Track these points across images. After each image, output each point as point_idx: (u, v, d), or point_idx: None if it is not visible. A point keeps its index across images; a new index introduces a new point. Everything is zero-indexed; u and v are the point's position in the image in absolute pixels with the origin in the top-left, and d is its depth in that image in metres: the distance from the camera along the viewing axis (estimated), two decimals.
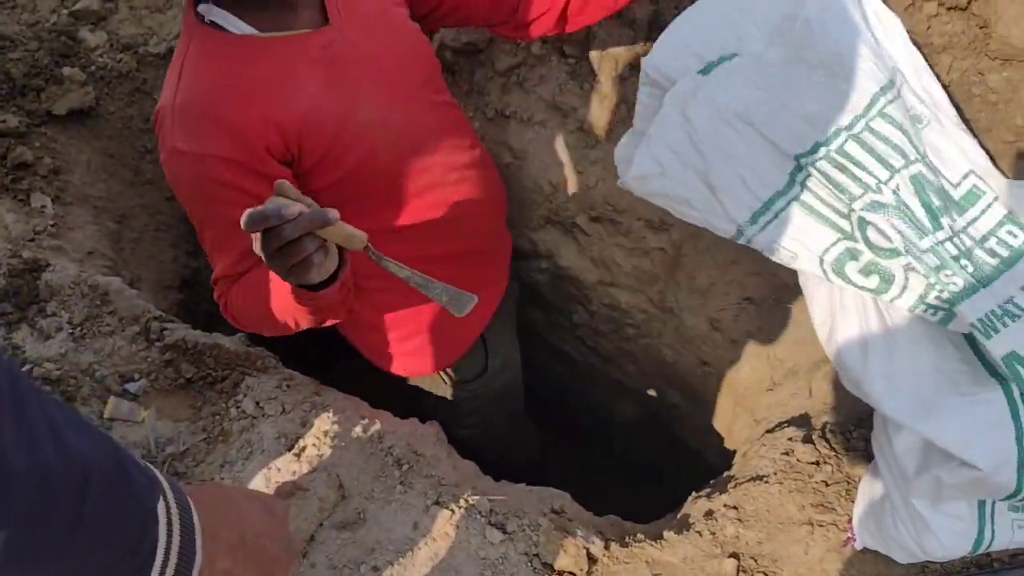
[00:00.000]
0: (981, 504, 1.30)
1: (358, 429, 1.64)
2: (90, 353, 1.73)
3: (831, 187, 1.31)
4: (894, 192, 1.30)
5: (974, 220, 1.36)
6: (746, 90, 1.37)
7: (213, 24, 1.41)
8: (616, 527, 1.65)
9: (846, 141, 1.31)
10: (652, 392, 2.51)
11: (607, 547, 1.54)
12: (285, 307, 1.34)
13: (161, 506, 0.69)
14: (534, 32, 1.74)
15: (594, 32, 1.94)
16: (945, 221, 1.30)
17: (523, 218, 2.29)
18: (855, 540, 1.46)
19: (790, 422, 1.76)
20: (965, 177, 1.39)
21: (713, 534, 1.55)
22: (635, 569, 1.51)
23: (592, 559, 1.52)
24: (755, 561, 1.50)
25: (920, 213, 1.29)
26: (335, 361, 2.17)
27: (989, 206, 1.37)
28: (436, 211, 1.64)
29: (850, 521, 1.49)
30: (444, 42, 2.12)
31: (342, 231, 1.15)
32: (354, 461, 1.59)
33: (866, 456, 1.56)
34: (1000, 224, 1.35)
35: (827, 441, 1.62)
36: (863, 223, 1.29)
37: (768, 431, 1.79)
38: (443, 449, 1.69)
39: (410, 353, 1.85)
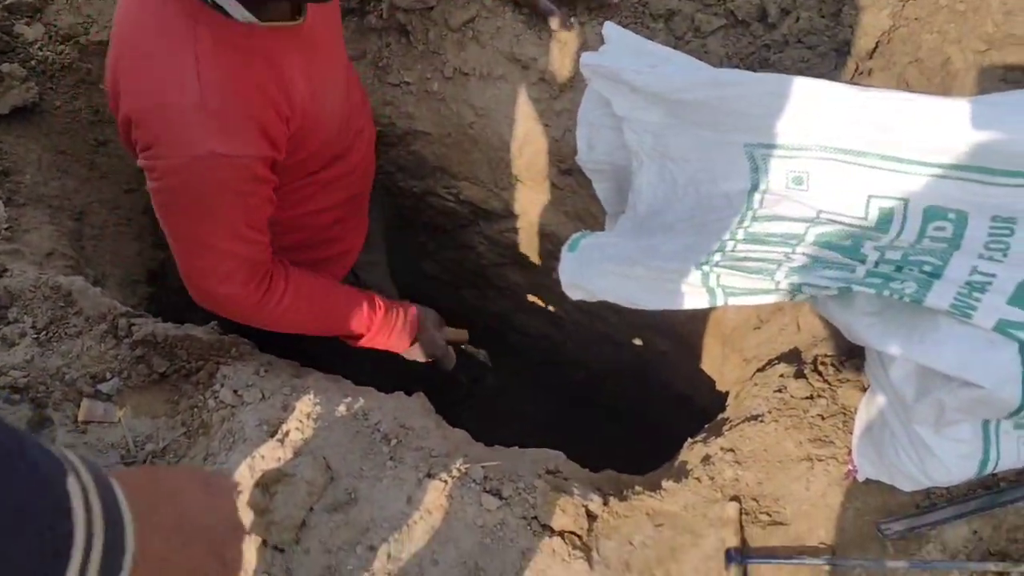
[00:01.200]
0: (985, 424, 1.27)
1: (342, 408, 1.60)
2: (57, 357, 1.67)
3: (746, 274, 1.29)
4: (804, 255, 1.28)
5: (899, 233, 1.31)
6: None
7: (215, 6, 1.34)
8: (613, 481, 1.62)
9: (735, 246, 1.33)
10: (639, 341, 2.48)
11: (606, 503, 1.51)
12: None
13: (73, 483, 0.63)
14: None
15: None
16: (867, 249, 1.27)
17: (493, 178, 2.24)
18: (856, 472, 1.43)
19: (780, 358, 1.73)
20: (867, 205, 1.34)
21: (712, 479, 1.52)
22: (636, 522, 1.48)
23: (592, 516, 1.49)
24: (757, 502, 1.47)
25: (838, 257, 1.27)
26: None
27: (904, 217, 1.31)
28: (349, 166, 1.76)
29: (849, 453, 1.46)
30: (394, 3, 2.05)
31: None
32: (340, 441, 1.55)
33: (860, 386, 1.53)
34: (925, 223, 1.30)
35: (819, 374, 1.59)
36: (795, 288, 1.26)
37: (759, 370, 1.76)
38: (431, 420, 1.65)
39: None
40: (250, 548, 1.43)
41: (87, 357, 1.68)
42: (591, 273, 1.41)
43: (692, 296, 1.33)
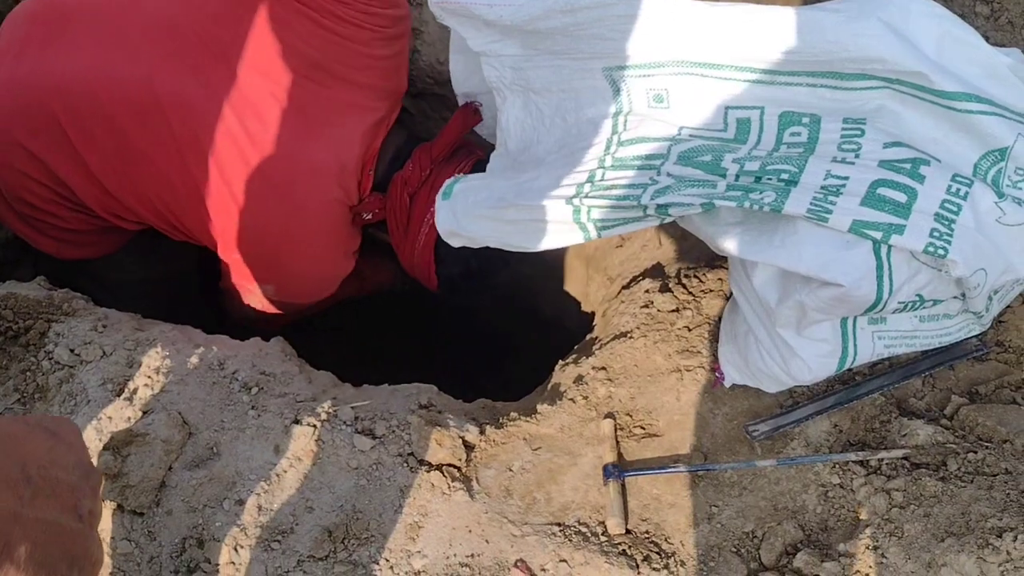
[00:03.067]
0: (843, 323, 1.31)
1: (194, 359, 1.49)
2: None
3: (615, 201, 1.28)
4: (668, 175, 1.27)
5: (756, 142, 1.32)
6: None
7: None
8: (488, 410, 1.60)
9: (604, 175, 1.31)
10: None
11: (482, 432, 1.48)
12: None
13: None
14: None
15: None
16: (726, 163, 1.27)
17: None
18: (723, 379, 1.46)
19: (644, 274, 1.74)
20: (726, 116, 1.34)
21: (586, 398, 1.52)
22: (513, 448, 1.46)
23: (469, 446, 1.46)
24: (631, 417, 1.48)
25: (700, 174, 1.26)
26: None
27: (761, 127, 1.33)
28: None
29: (716, 361, 1.49)
30: None
31: None
32: (195, 394, 1.45)
33: (723, 296, 1.56)
34: (781, 130, 1.32)
35: (684, 287, 1.61)
36: (662, 210, 1.25)
37: (624, 287, 1.77)
38: (293, 364, 1.56)
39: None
40: (105, 515, 1.32)
41: None
42: (466, 219, 1.39)
43: (565, 233, 1.32)
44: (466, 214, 1.40)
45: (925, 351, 1.42)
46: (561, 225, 1.31)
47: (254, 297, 1.78)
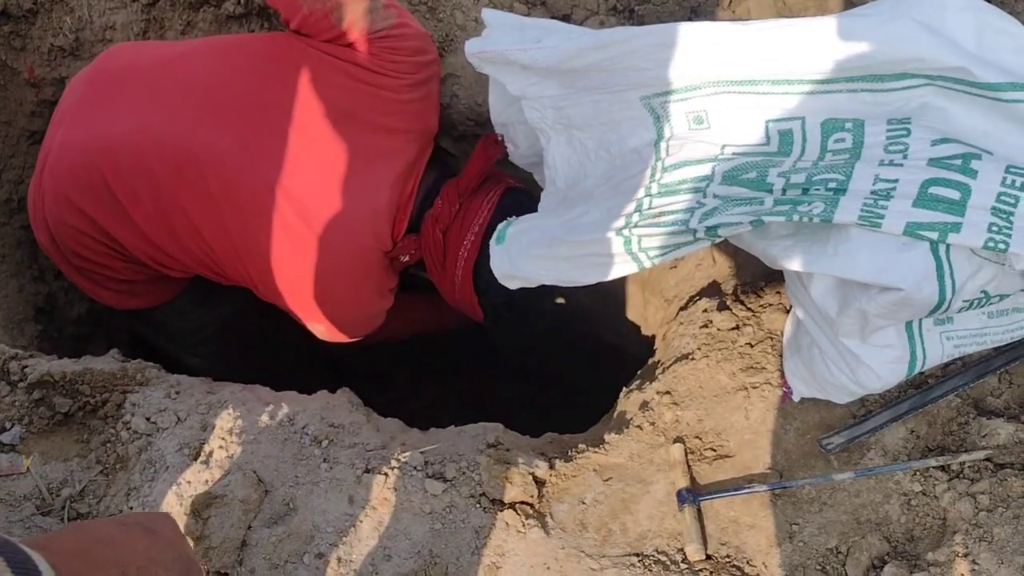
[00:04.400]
0: (908, 326, 1.28)
1: (264, 417, 1.52)
2: None
3: (664, 228, 1.28)
4: (714, 196, 1.27)
5: (801, 153, 1.31)
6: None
7: None
8: (556, 444, 1.60)
9: (651, 202, 1.32)
10: (561, 300, 2.45)
11: (552, 466, 1.48)
12: None
13: None
14: None
15: None
16: (772, 178, 1.26)
17: None
18: (791, 393, 1.44)
19: (701, 294, 1.73)
20: (767, 130, 1.33)
21: (653, 424, 1.51)
22: (584, 480, 1.46)
23: (539, 482, 1.46)
24: (700, 439, 1.47)
25: (746, 192, 1.26)
26: None
27: (804, 136, 1.31)
28: None
29: (782, 376, 1.47)
30: None
31: None
32: (268, 452, 1.48)
33: (783, 308, 1.54)
34: (825, 137, 1.30)
35: (742, 303, 1.59)
36: (711, 232, 1.24)
37: (682, 308, 1.76)
38: (360, 414, 1.59)
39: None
40: None
41: None
42: (521, 261, 1.41)
43: (619, 265, 1.33)
44: (520, 255, 1.42)
45: (998, 347, 1.38)
46: (614, 257, 1.32)
47: (316, 332, 1.83)
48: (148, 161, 1.60)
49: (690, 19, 1.76)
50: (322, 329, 1.78)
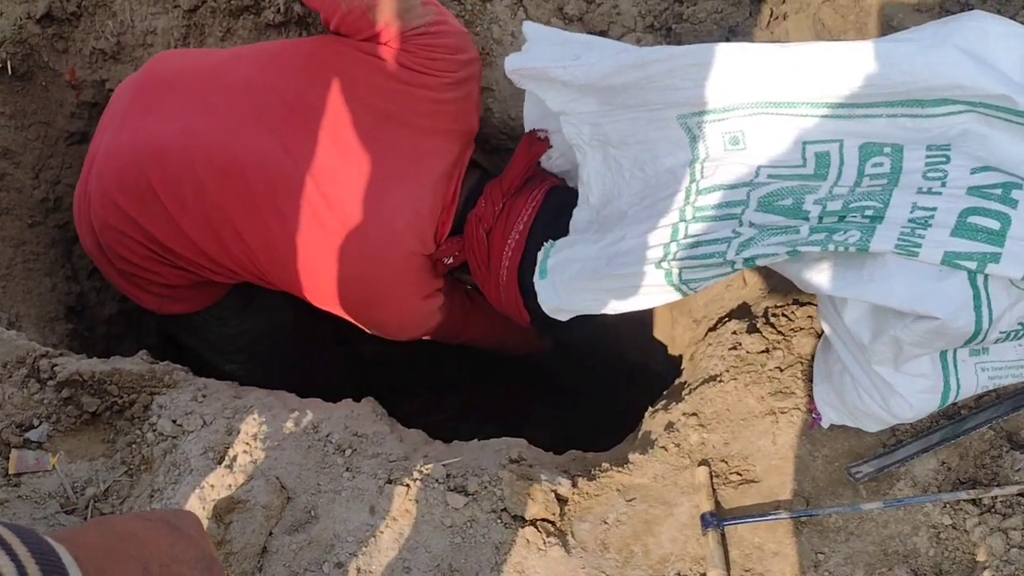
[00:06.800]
0: (943, 356, 1.26)
1: (289, 424, 1.53)
2: None
3: (702, 260, 1.28)
4: (750, 225, 1.26)
5: (837, 178, 1.29)
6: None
7: None
8: (579, 462, 1.58)
9: (687, 228, 1.32)
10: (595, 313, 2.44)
11: (575, 484, 1.47)
12: None
13: (4, 562, 0.56)
14: None
15: None
16: (808, 205, 1.25)
17: None
18: (820, 419, 1.42)
19: (730, 315, 1.71)
20: (804, 152, 1.32)
21: (678, 445, 1.50)
22: (607, 499, 1.45)
23: (562, 500, 1.45)
24: (726, 463, 1.45)
25: (782, 221, 1.25)
26: None
27: (842, 159, 1.30)
28: None
29: (811, 402, 1.45)
30: None
31: None
32: (292, 459, 1.48)
33: (814, 333, 1.52)
34: (862, 161, 1.29)
35: (772, 326, 1.58)
36: (748, 262, 1.24)
37: (711, 329, 1.74)
38: (384, 424, 1.59)
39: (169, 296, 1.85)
40: None
41: (10, 405, 1.58)
42: (566, 295, 1.44)
43: (661, 295, 1.35)
44: (565, 289, 1.44)
45: None
46: (656, 288, 1.33)
47: (368, 329, 1.84)
48: (194, 165, 1.61)
49: (728, 39, 1.75)
50: (373, 330, 1.79)
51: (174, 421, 1.54)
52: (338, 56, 1.64)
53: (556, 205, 1.67)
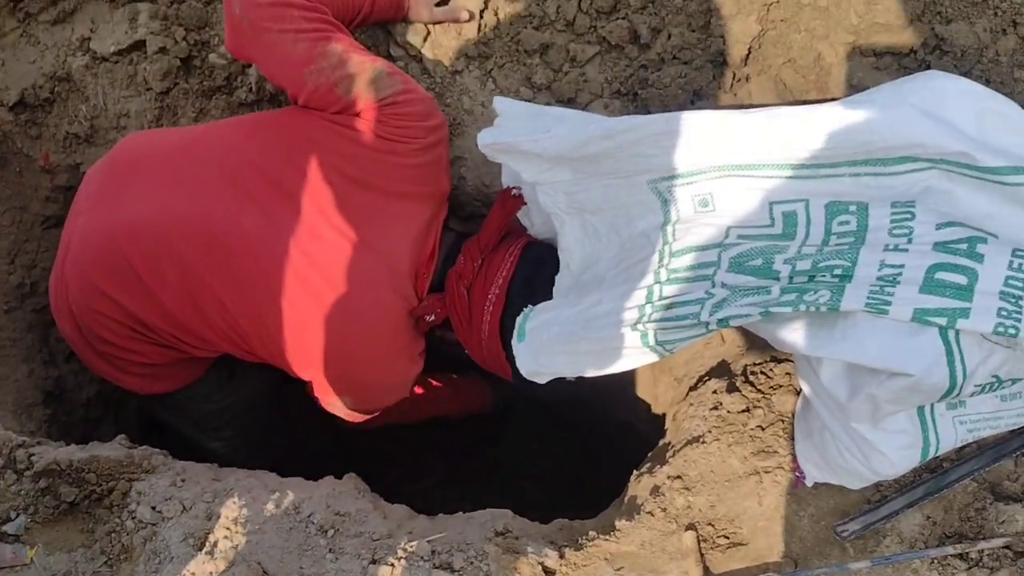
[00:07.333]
0: (920, 411, 1.27)
1: (270, 506, 1.51)
2: None
3: (676, 322, 1.29)
4: (722, 286, 1.29)
5: (805, 237, 1.32)
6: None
7: None
8: (566, 531, 1.57)
9: (661, 290, 1.34)
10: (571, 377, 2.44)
11: (562, 555, 1.45)
12: None
13: None
14: None
15: None
16: (778, 265, 1.27)
17: None
18: (804, 478, 1.42)
19: (710, 374, 1.72)
20: (771, 211, 1.35)
21: (664, 510, 1.49)
22: (595, 569, 1.43)
23: (549, 572, 1.43)
24: (713, 526, 1.44)
25: (753, 281, 1.27)
26: None
27: (808, 218, 1.33)
28: None
29: (795, 460, 1.44)
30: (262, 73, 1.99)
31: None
32: (273, 542, 1.46)
33: (793, 390, 1.52)
34: (829, 220, 1.31)
35: (751, 384, 1.58)
36: (722, 323, 1.26)
37: (692, 388, 1.74)
38: (367, 500, 1.57)
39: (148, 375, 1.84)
40: None
41: None
42: (544, 358, 1.45)
43: (638, 357, 1.35)
44: (543, 352, 1.45)
45: (1013, 430, 1.36)
46: (633, 350, 1.34)
47: (336, 409, 1.83)
48: (172, 240, 1.62)
49: (692, 102, 1.78)
50: (349, 401, 1.78)
51: (153, 507, 1.51)
52: (309, 127, 1.66)
53: (533, 259, 1.70)
